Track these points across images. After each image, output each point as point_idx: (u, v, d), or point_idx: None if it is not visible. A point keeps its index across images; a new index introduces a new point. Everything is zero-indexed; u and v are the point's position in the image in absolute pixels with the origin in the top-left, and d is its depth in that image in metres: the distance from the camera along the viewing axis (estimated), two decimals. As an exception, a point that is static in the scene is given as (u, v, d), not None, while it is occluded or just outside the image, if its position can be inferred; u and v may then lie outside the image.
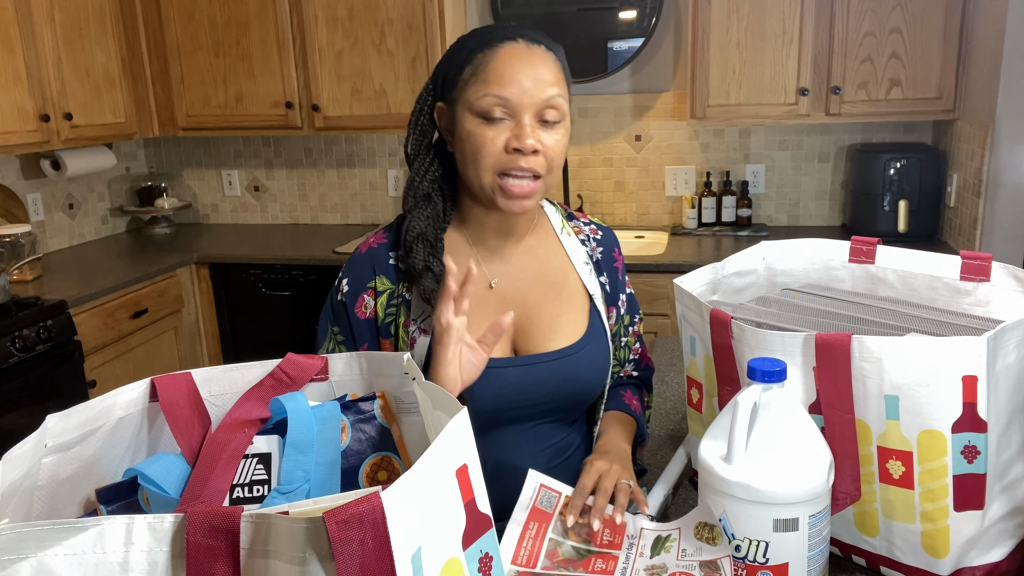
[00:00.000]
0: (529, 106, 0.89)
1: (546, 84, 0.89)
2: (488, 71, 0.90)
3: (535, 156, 0.89)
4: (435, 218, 0.97)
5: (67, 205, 3.04)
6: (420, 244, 0.94)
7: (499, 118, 0.89)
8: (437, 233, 0.96)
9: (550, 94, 0.89)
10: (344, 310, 0.99)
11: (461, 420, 0.57)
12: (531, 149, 0.88)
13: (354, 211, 3.30)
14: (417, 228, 0.95)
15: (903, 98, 2.44)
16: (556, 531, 0.85)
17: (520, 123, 0.89)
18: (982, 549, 0.80)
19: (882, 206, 2.55)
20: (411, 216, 0.96)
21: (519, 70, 0.89)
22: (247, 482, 0.64)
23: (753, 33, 2.49)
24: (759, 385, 0.77)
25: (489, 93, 0.89)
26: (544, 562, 0.82)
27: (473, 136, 0.90)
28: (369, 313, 0.98)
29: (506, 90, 0.88)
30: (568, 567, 0.81)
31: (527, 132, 0.88)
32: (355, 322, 0.98)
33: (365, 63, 2.79)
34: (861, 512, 0.83)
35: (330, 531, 0.45)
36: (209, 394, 0.70)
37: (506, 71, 0.89)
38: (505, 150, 0.89)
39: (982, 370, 0.74)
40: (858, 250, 0.99)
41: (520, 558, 0.82)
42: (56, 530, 0.47)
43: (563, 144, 0.92)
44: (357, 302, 0.98)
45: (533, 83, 0.89)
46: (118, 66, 2.83)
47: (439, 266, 0.94)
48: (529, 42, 0.92)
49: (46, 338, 2.19)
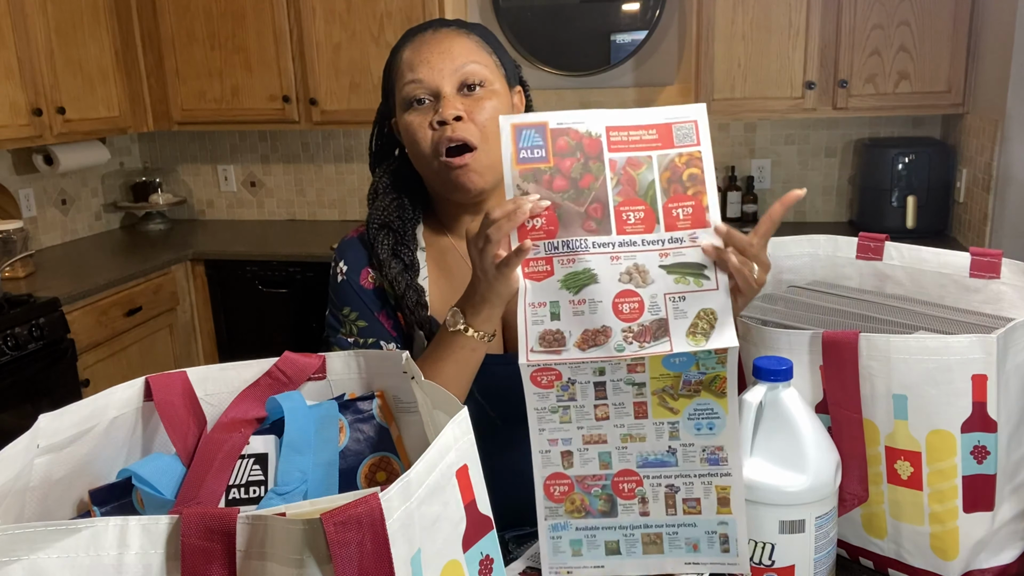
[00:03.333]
0: (444, 80, 0.91)
1: (456, 55, 0.92)
2: (402, 63, 0.94)
3: (461, 123, 0.90)
4: (400, 210, 0.99)
5: (60, 201, 3.02)
6: (384, 234, 0.97)
7: (422, 100, 0.92)
8: (404, 224, 0.98)
9: (461, 62, 0.91)
10: (350, 287, 1.00)
11: (461, 420, 0.57)
12: (451, 116, 0.89)
13: (352, 207, 3.29)
14: (379, 219, 0.98)
15: (911, 92, 2.43)
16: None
17: (441, 98, 0.91)
18: (992, 551, 0.79)
19: (890, 202, 2.54)
20: (372, 208, 0.99)
21: (426, 50, 0.92)
22: (243, 483, 0.63)
23: (759, 26, 2.47)
24: (765, 384, 0.76)
25: (404, 80, 0.93)
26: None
27: (408, 128, 0.93)
28: (376, 284, 1.00)
29: (417, 72, 0.91)
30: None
31: (449, 104, 0.90)
32: (364, 293, 0.99)
33: (363, 56, 2.77)
34: (869, 513, 0.82)
35: (328, 533, 0.44)
36: (204, 393, 0.69)
37: (415, 56, 0.93)
38: (431, 127, 0.91)
39: (992, 369, 0.74)
40: (865, 247, 0.98)
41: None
42: (49, 532, 0.47)
43: (495, 114, 0.92)
44: (361, 275, 1.00)
45: (441, 57, 0.92)
46: (112, 59, 2.80)
47: (408, 254, 0.96)
48: (437, 28, 0.95)
49: (38, 336, 2.17)
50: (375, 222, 0.98)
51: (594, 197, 0.73)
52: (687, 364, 0.73)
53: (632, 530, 0.78)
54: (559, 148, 0.74)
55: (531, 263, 0.74)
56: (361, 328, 0.99)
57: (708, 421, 0.75)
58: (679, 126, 0.74)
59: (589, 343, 0.73)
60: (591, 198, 0.73)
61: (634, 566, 0.79)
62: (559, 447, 0.77)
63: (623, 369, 0.74)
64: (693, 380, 0.74)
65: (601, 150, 0.74)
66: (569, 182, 0.73)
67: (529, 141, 0.74)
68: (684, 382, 0.74)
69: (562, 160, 0.73)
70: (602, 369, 0.74)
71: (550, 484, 0.78)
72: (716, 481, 0.76)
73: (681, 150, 0.74)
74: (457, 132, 0.89)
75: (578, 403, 0.75)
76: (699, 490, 0.77)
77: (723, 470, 0.76)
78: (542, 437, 0.76)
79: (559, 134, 0.74)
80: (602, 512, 0.78)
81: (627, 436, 0.76)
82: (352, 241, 1.03)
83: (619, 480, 0.77)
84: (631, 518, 0.78)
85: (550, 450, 0.77)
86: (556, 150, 0.74)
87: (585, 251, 0.73)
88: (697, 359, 0.73)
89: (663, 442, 0.76)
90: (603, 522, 0.78)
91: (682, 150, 0.74)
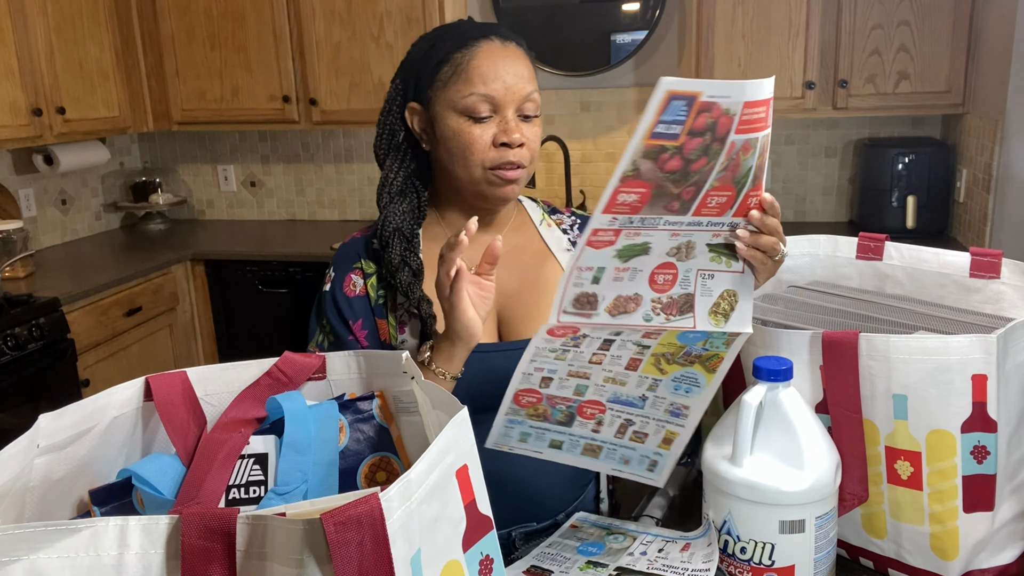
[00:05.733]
0: (512, 102, 0.94)
1: (525, 80, 0.95)
2: (470, 70, 0.94)
3: (521, 149, 0.95)
4: (411, 213, 0.99)
5: (60, 201, 3.02)
6: (396, 239, 0.97)
7: (484, 116, 0.94)
8: (413, 228, 0.99)
9: (529, 89, 0.96)
10: (332, 298, 1.01)
11: (461, 420, 0.56)
12: (519, 143, 0.94)
13: (352, 207, 3.28)
14: (393, 223, 0.97)
15: (911, 92, 2.43)
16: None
17: (505, 119, 0.94)
18: (992, 551, 0.79)
19: (890, 202, 2.54)
20: (386, 211, 0.98)
21: (501, 67, 0.94)
22: (243, 483, 0.63)
23: (759, 25, 2.47)
24: (765, 384, 0.76)
25: (475, 92, 0.93)
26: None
27: (460, 134, 0.94)
28: (359, 291, 1.00)
29: (490, 88, 0.93)
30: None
31: (513, 127, 0.94)
32: (343, 303, 1.00)
33: (363, 56, 2.77)
34: (869, 513, 0.82)
35: (328, 533, 0.44)
36: (204, 393, 0.69)
37: (489, 70, 0.94)
38: (493, 144, 0.94)
39: (992, 369, 0.74)
40: (865, 247, 0.98)
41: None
42: (49, 532, 0.46)
43: (540, 136, 0.99)
44: (344, 282, 1.01)
45: (514, 79, 0.94)
46: (112, 59, 2.80)
47: (416, 261, 0.96)
48: (503, 40, 0.97)
49: (38, 336, 2.17)
50: (389, 226, 0.97)
51: (695, 181, 0.70)
52: (697, 339, 0.76)
53: (579, 439, 0.86)
54: (696, 126, 0.67)
55: (599, 232, 0.71)
56: (330, 344, 1.00)
57: (687, 387, 0.80)
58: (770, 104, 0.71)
59: (620, 309, 0.75)
60: (691, 182, 0.69)
61: (567, 459, 0.88)
62: (543, 373, 0.80)
63: (638, 334, 0.76)
64: (694, 353, 0.77)
65: (729, 131, 0.68)
66: (683, 163, 0.68)
67: (673, 115, 0.66)
68: (685, 353, 0.78)
69: (691, 140, 0.67)
70: (619, 332, 0.76)
71: (521, 395, 0.82)
72: (669, 427, 0.83)
73: (768, 131, 0.71)
74: (518, 156, 0.95)
75: (580, 350, 0.78)
76: (651, 428, 0.84)
77: (679, 422, 0.83)
78: (530, 365, 0.79)
79: (703, 109, 0.66)
80: (558, 422, 0.84)
81: (610, 379, 0.80)
82: (344, 248, 1.04)
83: (585, 405, 0.83)
84: (582, 431, 0.85)
85: (532, 374, 0.80)
86: (692, 128, 0.67)
87: (654, 228, 0.71)
88: (709, 336, 0.76)
89: (639, 391, 0.81)
90: (556, 428, 0.85)
91: (769, 131, 0.71)
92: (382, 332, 0.99)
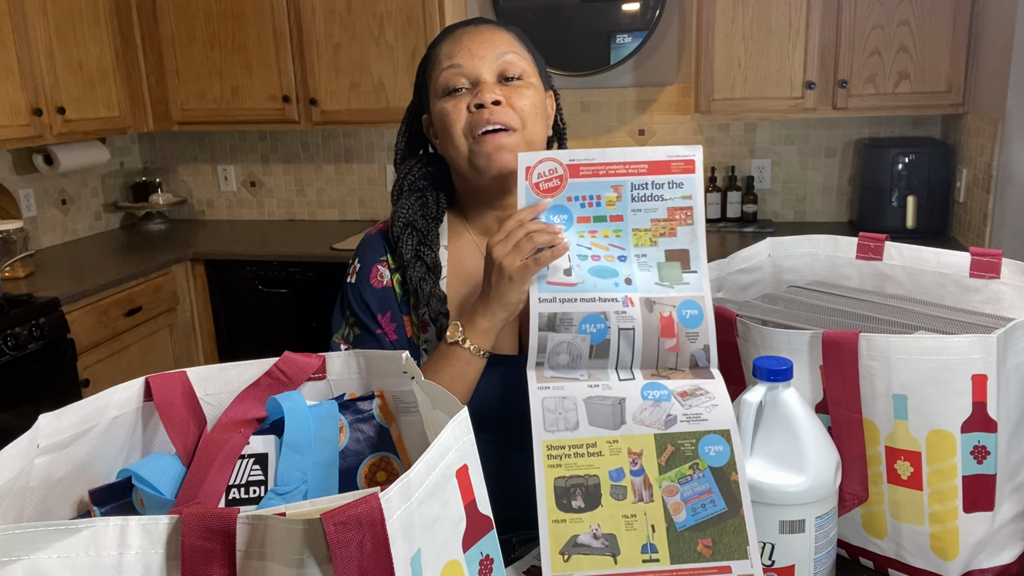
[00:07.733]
0: (484, 68, 0.92)
1: (497, 44, 0.93)
2: (440, 54, 0.94)
3: (499, 107, 0.90)
4: (424, 208, 0.98)
5: (60, 201, 3.02)
6: (408, 233, 0.95)
7: (460, 88, 0.92)
8: (428, 223, 0.97)
9: (501, 51, 0.92)
10: (357, 290, 0.99)
11: (461, 420, 0.56)
12: (491, 100, 0.90)
13: (352, 207, 3.28)
14: (404, 217, 0.96)
15: (911, 92, 2.43)
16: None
17: (480, 84, 0.91)
18: (992, 551, 0.79)
19: (890, 202, 2.54)
20: (397, 206, 0.97)
21: (467, 40, 0.93)
22: (243, 483, 0.63)
23: (759, 25, 2.47)
24: (765, 384, 0.76)
25: (442, 67, 0.92)
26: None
27: (442, 113, 0.93)
28: (386, 283, 0.98)
29: (456, 58, 0.92)
30: None
31: (486, 88, 0.90)
32: (370, 294, 0.98)
33: (363, 56, 2.77)
34: (869, 513, 0.82)
35: (328, 533, 0.44)
36: (204, 393, 0.69)
37: (454, 46, 0.93)
38: (468, 111, 0.91)
39: (992, 369, 0.73)
40: (865, 247, 0.98)
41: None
42: (49, 532, 0.46)
43: (533, 102, 0.93)
44: (371, 273, 0.99)
45: (481, 46, 0.92)
46: (112, 59, 2.80)
47: (431, 256, 0.95)
48: (478, 24, 0.96)
49: (38, 336, 2.17)
50: (400, 220, 0.96)
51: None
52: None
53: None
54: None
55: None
56: (356, 336, 0.98)
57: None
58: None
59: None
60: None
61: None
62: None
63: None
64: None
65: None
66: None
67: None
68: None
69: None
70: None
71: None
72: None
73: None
74: (496, 115, 0.89)
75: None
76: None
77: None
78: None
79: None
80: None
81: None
82: (372, 238, 1.02)
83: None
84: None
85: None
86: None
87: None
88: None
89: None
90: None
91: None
92: (408, 328, 0.98)
